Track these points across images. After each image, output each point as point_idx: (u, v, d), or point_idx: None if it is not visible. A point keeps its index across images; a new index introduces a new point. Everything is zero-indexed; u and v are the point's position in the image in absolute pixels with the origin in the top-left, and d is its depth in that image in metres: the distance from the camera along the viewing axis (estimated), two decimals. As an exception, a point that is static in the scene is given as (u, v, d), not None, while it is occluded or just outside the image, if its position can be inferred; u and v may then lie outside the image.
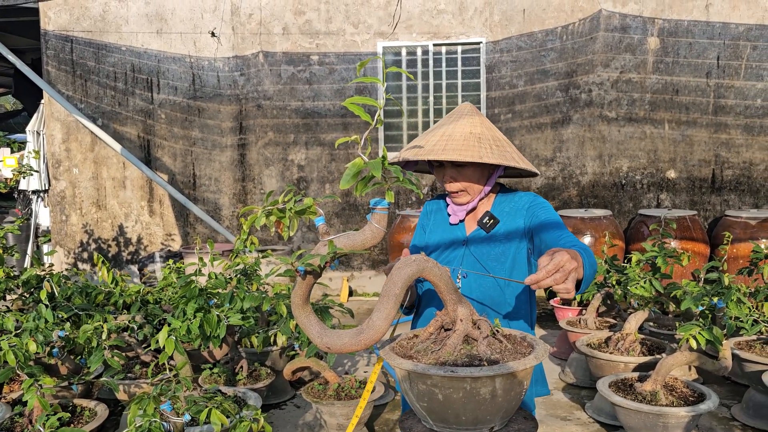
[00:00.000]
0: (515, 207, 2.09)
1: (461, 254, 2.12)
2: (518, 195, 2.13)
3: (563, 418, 4.00)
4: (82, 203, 7.60)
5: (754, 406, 3.81)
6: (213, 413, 2.34)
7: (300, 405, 4.22)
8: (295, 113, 7.27)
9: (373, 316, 1.59)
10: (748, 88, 6.59)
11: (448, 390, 1.56)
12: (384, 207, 1.60)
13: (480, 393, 1.56)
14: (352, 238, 1.63)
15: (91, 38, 7.39)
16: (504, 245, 2.08)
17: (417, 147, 2.05)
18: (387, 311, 1.59)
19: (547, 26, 6.80)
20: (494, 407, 1.60)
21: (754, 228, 5.88)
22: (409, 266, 1.63)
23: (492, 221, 2.08)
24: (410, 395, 1.64)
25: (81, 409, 3.28)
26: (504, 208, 2.11)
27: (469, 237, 2.13)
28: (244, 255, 4.18)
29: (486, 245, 2.09)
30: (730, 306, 3.30)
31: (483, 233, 2.10)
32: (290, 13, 7.14)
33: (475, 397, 1.57)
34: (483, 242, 2.10)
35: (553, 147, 6.94)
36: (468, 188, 2.05)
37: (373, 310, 1.60)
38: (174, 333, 2.96)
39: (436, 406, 1.60)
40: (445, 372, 1.54)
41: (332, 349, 1.59)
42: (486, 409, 1.60)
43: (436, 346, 1.73)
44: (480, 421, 1.63)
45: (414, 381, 1.60)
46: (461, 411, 1.60)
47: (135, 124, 7.46)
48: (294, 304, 1.66)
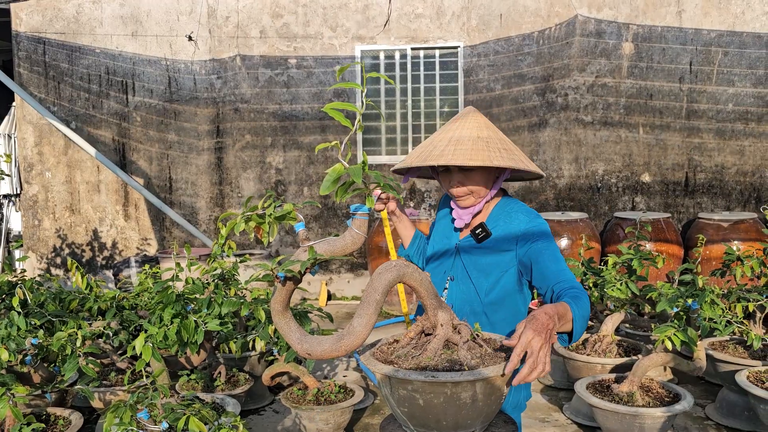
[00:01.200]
0: (510, 224, 2.04)
1: (452, 261, 2.13)
2: (516, 211, 2.07)
3: (542, 420, 4.03)
4: (55, 207, 7.48)
5: (727, 405, 3.87)
6: (191, 421, 2.31)
7: (279, 410, 4.20)
8: (273, 116, 7.23)
9: (354, 322, 1.58)
10: (719, 93, 6.72)
11: (429, 395, 1.56)
12: (364, 212, 1.60)
13: (460, 397, 1.57)
14: (332, 244, 1.62)
15: (65, 40, 7.28)
16: (492, 258, 2.05)
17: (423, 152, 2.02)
18: (367, 317, 1.58)
19: (524, 31, 6.86)
20: (475, 411, 1.61)
21: (726, 230, 5.99)
22: (390, 272, 1.63)
23: (484, 234, 2.05)
24: (390, 400, 1.64)
25: (55, 418, 3.21)
26: (500, 222, 2.07)
27: (460, 244, 2.12)
28: (221, 260, 4.14)
29: (475, 255, 2.08)
30: (704, 307, 3.36)
31: (473, 242, 2.08)
32: (268, 16, 7.11)
33: (455, 401, 1.57)
34: (472, 251, 2.08)
35: (530, 150, 7.00)
36: (475, 192, 2.02)
37: (354, 316, 1.59)
38: (151, 339, 2.92)
39: (417, 411, 1.60)
40: (425, 377, 1.55)
41: (312, 356, 1.58)
42: (467, 413, 1.60)
43: (416, 351, 1.73)
44: (461, 426, 1.63)
45: (395, 386, 1.59)
46: (442, 416, 1.61)
47: (110, 127, 7.36)
48: (273, 310, 1.64)
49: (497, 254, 2.04)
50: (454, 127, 2.02)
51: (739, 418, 3.79)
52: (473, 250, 2.08)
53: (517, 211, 2.06)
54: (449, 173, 2.01)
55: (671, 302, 3.47)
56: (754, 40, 6.61)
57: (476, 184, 2.00)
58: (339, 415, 3.48)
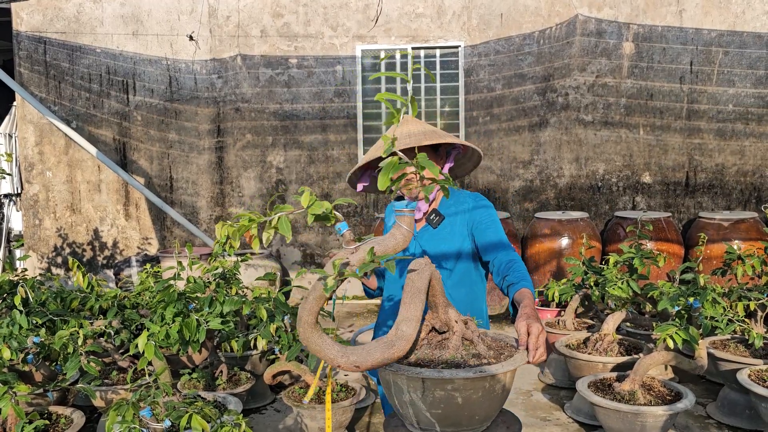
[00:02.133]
0: (460, 207, 2.29)
1: (412, 249, 2.31)
2: (463, 194, 2.34)
3: (543, 418, 4.03)
4: (56, 207, 7.48)
5: (728, 404, 3.88)
6: (194, 418, 2.31)
7: (280, 409, 4.20)
8: (274, 116, 7.23)
9: (402, 325, 1.54)
10: (719, 93, 6.72)
11: (469, 391, 1.55)
12: (411, 209, 1.58)
13: (495, 389, 1.59)
14: (383, 244, 1.55)
15: (65, 39, 7.28)
16: (448, 244, 2.27)
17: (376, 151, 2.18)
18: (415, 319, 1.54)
19: (524, 30, 6.86)
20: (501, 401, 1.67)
21: (727, 229, 6.00)
22: (426, 271, 1.64)
23: (438, 218, 2.26)
24: (419, 405, 1.59)
25: (57, 416, 3.21)
26: (449, 207, 2.31)
27: (418, 233, 2.32)
28: (222, 259, 4.14)
29: (433, 241, 2.29)
30: (706, 306, 3.36)
31: (430, 229, 2.30)
32: (268, 15, 7.11)
33: (491, 393, 1.59)
34: (431, 239, 2.29)
35: (530, 150, 7.00)
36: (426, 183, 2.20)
37: (400, 319, 1.55)
38: (153, 338, 2.92)
39: (453, 410, 1.58)
40: (474, 373, 1.53)
41: (362, 368, 1.48)
42: (496, 404, 1.67)
43: (437, 351, 1.72)
44: (488, 417, 1.67)
45: (429, 389, 1.55)
46: (477, 410, 1.62)
47: (110, 126, 7.36)
48: (304, 324, 1.50)
49: (452, 237, 2.27)
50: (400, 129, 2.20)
51: (740, 416, 3.79)
52: (431, 238, 2.29)
53: (464, 195, 2.33)
54: None
55: (673, 301, 3.47)
56: (755, 40, 6.61)
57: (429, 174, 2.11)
58: (341, 413, 3.49)
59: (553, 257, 6.23)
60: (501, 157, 7.04)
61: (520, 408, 4.17)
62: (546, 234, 6.28)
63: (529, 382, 4.60)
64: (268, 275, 3.96)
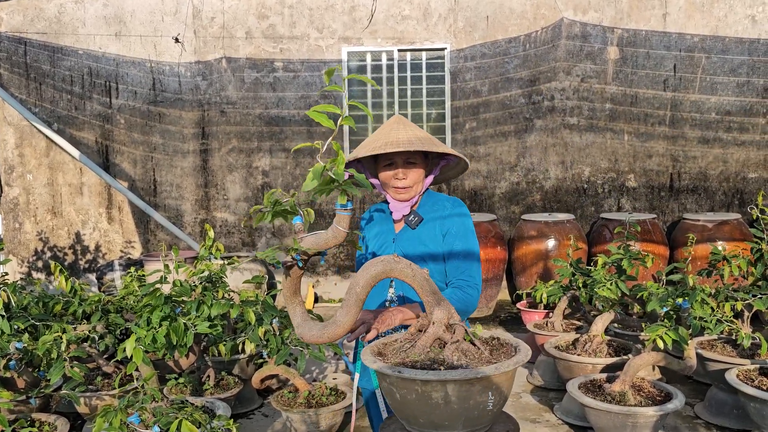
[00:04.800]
0: (437, 210, 2.35)
1: (393, 250, 2.34)
2: (441, 199, 2.39)
3: (532, 420, 4.03)
4: (36, 210, 7.35)
5: (716, 404, 3.90)
6: (183, 424, 2.26)
7: (268, 414, 4.15)
8: (259, 119, 7.18)
9: (338, 313, 1.72)
10: (703, 98, 6.79)
11: (402, 390, 1.59)
12: (347, 209, 1.69)
13: (431, 396, 1.54)
14: (318, 238, 1.75)
15: (46, 40, 7.17)
16: (425, 246, 2.32)
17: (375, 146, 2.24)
18: (349, 309, 1.70)
19: (510, 32, 6.89)
20: (448, 413, 1.57)
21: (711, 231, 6.06)
22: (375, 266, 1.71)
23: (417, 218, 2.32)
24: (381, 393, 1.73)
25: (40, 423, 3.14)
26: (427, 208, 2.37)
27: (398, 235, 2.37)
28: (208, 262, 4.09)
29: (411, 243, 2.33)
30: (695, 306, 3.38)
31: (410, 231, 2.34)
32: (253, 17, 7.06)
33: (427, 400, 1.56)
34: (409, 240, 2.34)
35: (516, 153, 7.02)
36: (414, 185, 2.30)
37: (339, 308, 1.71)
38: (140, 342, 2.87)
39: (396, 405, 1.65)
40: (392, 371, 1.57)
41: (303, 339, 1.78)
42: (440, 414, 1.57)
43: (407, 347, 1.73)
44: (438, 426, 1.61)
45: (381, 378, 1.68)
46: (417, 413, 1.60)
47: (92, 129, 7.26)
48: (285, 295, 1.82)
49: (429, 240, 2.32)
50: (389, 132, 2.27)
51: (728, 416, 3.82)
52: (409, 239, 2.33)
53: (443, 199, 2.39)
54: (391, 168, 2.28)
55: (661, 302, 3.48)
56: (737, 45, 6.69)
57: (415, 178, 2.29)
58: (331, 417, 3.45)
59: (540, 259, 6.25)
60: (487, 160, 7.05)
61: (509, 410, 4.15)
62: (532, 236, 6.29)
63: (518, 384, 4.60)
64: (256, 278, 3.91)
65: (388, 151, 2.19)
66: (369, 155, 2.26)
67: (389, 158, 2.29)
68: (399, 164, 2.28)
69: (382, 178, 2.34)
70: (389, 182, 2.31)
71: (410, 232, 2.35)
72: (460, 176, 7.05)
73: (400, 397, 1.60)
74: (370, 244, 2.46)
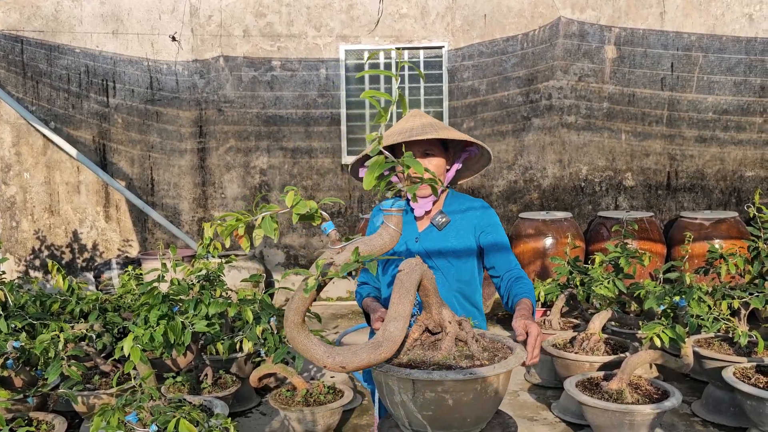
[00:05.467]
0: (466, 211, 2.27)
1: (416, 250, 2.25)
2: (468, 199, 2.30)
3: (530, 418, 4.03)
4: (33, 209, 7.34)
5: (713, 401, 3.91)
6: (181, 423, 2.26)
7: (266, 412, 4.15)
8: (257, 117, 7.17)
9: (389, 326, 1.50)
10: (700, 96, 6.80)
11: (460, 393, 1.53)
12: (399, 208, 1.53)
13: (487, 391, 1.56)
14: (369, 244, 1.51)
15: (43, 39, 7.15)
16: (453, 244, 2.22)
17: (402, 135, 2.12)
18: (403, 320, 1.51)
19: (507, 30, 6.89)
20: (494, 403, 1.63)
21: (708, 229, 6.06)
22: (416, 272, 1.59)
23: (444, 219, 2.23)
24: (410, 406, 1.57)
25: (38, 422, 3.14)
26: (454, 209, 2.25)
27: (422, 234, 2.26)
28: (206, 260, 4.08)
29: (437, 242, 2.23)
30: (692, 304, 3.38)
31: (435, 231, 2.24)
32: (251, 15, 7.05)
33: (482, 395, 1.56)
34: (434, 240, 2.24)
35: (514, 151, 7.02)
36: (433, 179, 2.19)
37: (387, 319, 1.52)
38: (137, 341, 2.87)
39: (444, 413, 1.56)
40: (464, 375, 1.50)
41: (348, 368, 1.46)
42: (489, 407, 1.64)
43: (431, 352, 1.70)
44: (482, 420, 1.64)
45: (420, 390, 1.53)
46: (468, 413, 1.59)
47: (89, 128, 7.25)
48: (290, 323, 1.48)
49: (459, 238, 2.23)
50: (410, 122, 2.17)
51: (725, 414, 3.83)
52: (435, 239, 2.24)
53: (470, 200, 2.30)
54: None
55: (659, 300, 3.49)
56: (734, 44, 6.70)
57: (435, 171, 2.18)
58: (328, 415, 3.45)
59: (538, 257, 6.25)
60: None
61: (507, 408, 4.16)
62: (530, 234, 6.30)
63: (516, 382, 4.60)
64: (254, 277, 3.91)
65: (398, 142, 2.08)
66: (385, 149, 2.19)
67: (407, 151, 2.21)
68: (417, 155, 2.17)
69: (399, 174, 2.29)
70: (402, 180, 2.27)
71: (436, 233, 2.25)
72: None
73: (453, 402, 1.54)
74: None
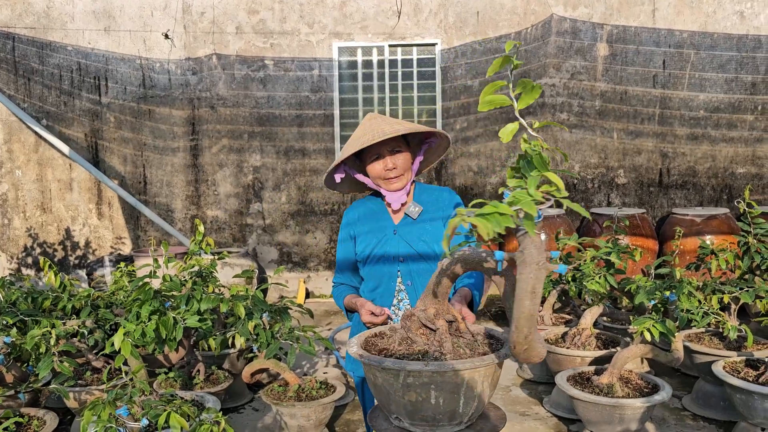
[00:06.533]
0: (436, 198, 2.43)
1: (395, 245, 2.40)
2: (435, 189, 2.49)
3: (522, 413, 4.05)
4: (25, 206, 7.31)
5: (703, 396, 3.93)
6: (172, 416, 2.26)
7: (258, 408, 4.15)
8: (250, 115, 7.16)
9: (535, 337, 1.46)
10: (691, 94, 6.83)
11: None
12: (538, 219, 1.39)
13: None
14: None
15: (35, 36, 7.12)
16: (428, 227, 2.40)
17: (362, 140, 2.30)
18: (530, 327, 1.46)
19: (500, 29, 6.90)
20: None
21: (699, 225, 6.10)
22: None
23: (418, 209, 2.40)
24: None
25: (29, 418, 3.14)
26: (425, 199, 2.45)
27: (398, 226, 2.42)
28: (199, 257, 4.08)
29: (413, 229, 2.40)
30: (682, 299, 3.40)
31: (410, 220, 2.41)
32: (243, 12, 7.04)
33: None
34: (410, 227, 2.41)
35: (507, 149, 7.04)
36: (405, 172, 2.37)
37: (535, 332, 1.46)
38: (128, 336, 2.86)
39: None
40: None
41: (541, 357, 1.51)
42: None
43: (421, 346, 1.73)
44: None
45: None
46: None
47: (82, 125, 7.23)
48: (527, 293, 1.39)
49: (433, 224, 2.40)
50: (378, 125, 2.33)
51: (715, 408, 3.85)
52: (412, 228, 2.40)
53: (438, 189, 2.48)
54: (379, 160, 2.34)
55: (649, 294, 3.51)
56: (725, 41, 6.74)
57: (404, 165, 2.36)
58: (321, 411, 3.46)
59: (530, 254, 6.26)
60: (478, 155, 7.07)
61: (498, 403, 4.17)
62: (523, 231, 6.31)
63: (508, 378, 4.62)
64: (246, 272, 3.92)
65: (377, 141, 2.25)
66: (352, 155, 2.37)
67: (376, 152, 2.34)
68: (386, 154, 2.35)
69: (373, 173, 2.38)
70: (381, 174, 2.36)
71: (412, 223, 2.41)
72: (451, 172, 7.07)
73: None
74: (362, 241, 2.46)
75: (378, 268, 2.41)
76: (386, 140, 2.30)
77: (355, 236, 2.49)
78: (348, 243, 2.50)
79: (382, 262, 2.39)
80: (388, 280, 2.39)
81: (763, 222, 3.82)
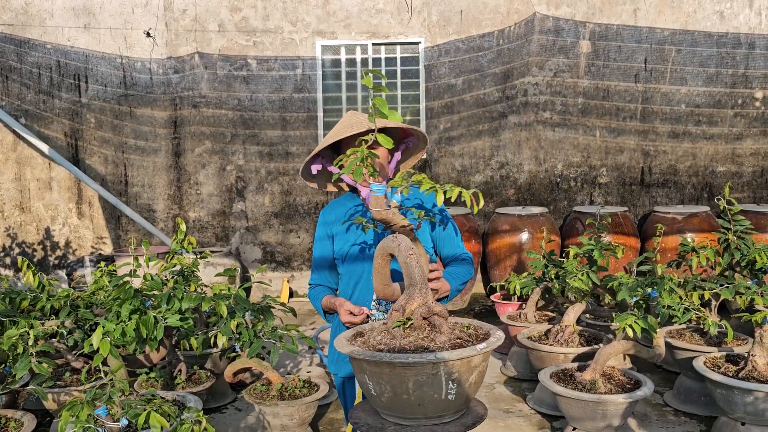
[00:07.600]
0: (414, 195, 2.43)
1: (377, 236, 2.39)
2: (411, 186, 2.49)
3: (506, 410, 4.06)
4: (3, 206, 7.20)
5: (685, 391, 3.97)
6: (152, 416, 2.23)
7: (241, 408, 4.12)
8: (233, 113, 7.11)
9: None
10: (673, 91, 6.90)
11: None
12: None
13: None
14: None
15: (12, 33, 7.02)
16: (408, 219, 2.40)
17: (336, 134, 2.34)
18: None
19: (484, 28, 6.92)
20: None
21: (681, 223, 6.16)
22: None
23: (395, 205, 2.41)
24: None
25: (6, 420, 3.08)
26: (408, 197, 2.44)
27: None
28: (181, 256, 4.03)
29: None
30: (663, 295, 3.42)
31: None
32: (226, 9, 6.99)
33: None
34: None
35: (490, 147, 7.06)
36: (381, 170, 2.39)
37: None
38: (108, 336, 2.82)
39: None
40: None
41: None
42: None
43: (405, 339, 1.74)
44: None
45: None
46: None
47: (61, 124, 7.13)
48: None
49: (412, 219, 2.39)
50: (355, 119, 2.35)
51: (696, 403, 3.89)
52: None
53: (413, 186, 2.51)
54: None
55: (631, 291, 3.53)
56: (705, 39, 6.81)
57: (382, 162, 2.37)
58: (304, 410, 3.44)
59: (514, 252, 6.29)
60: (462, 154, 7.08)
61: (482, 400, 4.19)
62: (506, 229, 6.33)
63: (492, 375, 4.63)
64: (228, 271, 3.88)
65: (354, 133, 2.27)
66: (329, 149, 2.40)
67: (352, 146, 2.32)
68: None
69: None
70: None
71: None
72: (435, 170, 7.08)
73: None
74: (340, 239, 2.44)
75: (357, 266, 2.40)
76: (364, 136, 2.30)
77: (333, 235, 2.48)
78: (325, 241, 2.49)
79: (361, 260, 2.39)
80: (367, 278, 2.38)
81: (743, 219, 3.86)
